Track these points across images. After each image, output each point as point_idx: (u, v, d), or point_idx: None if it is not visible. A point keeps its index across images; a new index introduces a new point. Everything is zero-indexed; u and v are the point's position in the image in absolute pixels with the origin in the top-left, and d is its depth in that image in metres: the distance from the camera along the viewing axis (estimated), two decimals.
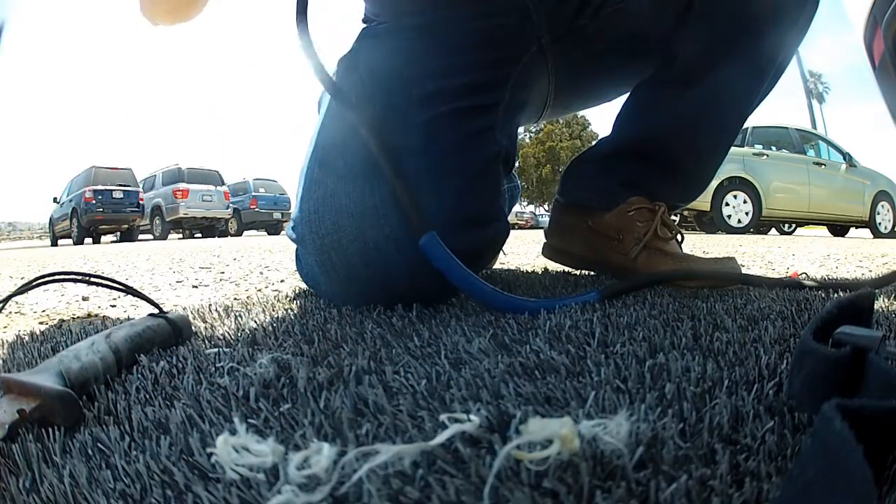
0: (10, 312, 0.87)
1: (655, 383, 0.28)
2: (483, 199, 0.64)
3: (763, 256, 1.64)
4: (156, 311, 0.46)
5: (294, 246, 0.67)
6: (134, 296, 0.48)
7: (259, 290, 0.98)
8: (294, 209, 0.65)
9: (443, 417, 0.21)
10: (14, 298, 1.12)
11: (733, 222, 5.61)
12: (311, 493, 0.17)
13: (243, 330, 0.47)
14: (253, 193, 11.47)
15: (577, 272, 0.94)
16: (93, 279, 0.47)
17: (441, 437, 0.19)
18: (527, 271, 1.04)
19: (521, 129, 0.94)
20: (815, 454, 0.16)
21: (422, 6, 0.67)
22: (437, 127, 0.61)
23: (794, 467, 0.18)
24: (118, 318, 0.71)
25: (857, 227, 6.47)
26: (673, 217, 0.82)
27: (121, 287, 0.47)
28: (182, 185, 10.01)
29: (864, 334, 0.25)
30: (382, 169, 0.56)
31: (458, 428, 0.19)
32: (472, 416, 0.20)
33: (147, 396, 0.31)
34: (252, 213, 11.19)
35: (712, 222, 5.70)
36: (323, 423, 0.23)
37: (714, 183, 5.24)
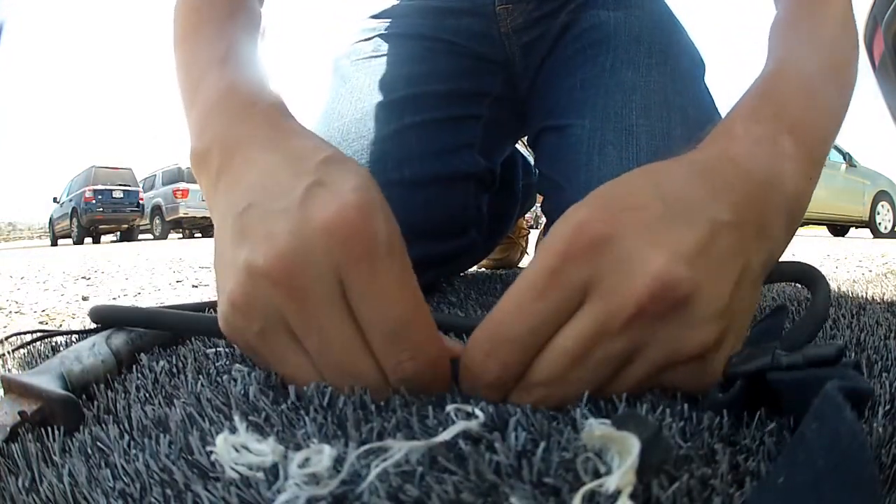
0: (10, 312, 0.87)
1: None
2: (443, 215, 0.62)
3: None
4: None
5: None
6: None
7: None
8: None
9: (450, 408, 0.21)
10: (13, 298, 1.11)
11: None
12: (314, 486, 0.17)
13: None
14: None
15: None
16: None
17: (447, 434, 0.19)
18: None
19: None
20: (825, 444, 0.16)
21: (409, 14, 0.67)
22: (407, 137, 0.60)
23: (797, 452, 0.17)
24: None
25: (857, 227, 6.47)
26: None
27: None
28: (182, 185, 9.99)
29: (754, 362, 0.24)
30: None
31: (464, 425, 0.19)
32: (477, 411, 0.20)
33: (147, 395, 0.31)
34: None
35: None
36: (325, 421, 0.23)
37: None
